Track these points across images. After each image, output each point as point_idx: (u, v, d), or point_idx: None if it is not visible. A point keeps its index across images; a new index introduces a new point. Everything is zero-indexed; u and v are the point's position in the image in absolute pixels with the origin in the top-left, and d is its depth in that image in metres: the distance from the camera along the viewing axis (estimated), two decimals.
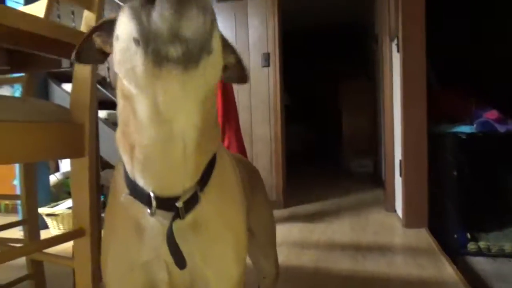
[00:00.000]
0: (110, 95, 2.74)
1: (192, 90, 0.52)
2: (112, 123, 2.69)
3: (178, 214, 0.59)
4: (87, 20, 0.95)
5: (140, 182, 0.59)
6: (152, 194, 0.58)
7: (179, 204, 0.59)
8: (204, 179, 0.62)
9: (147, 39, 0.47)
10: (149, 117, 0.54)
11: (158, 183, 0.58)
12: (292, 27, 6.25)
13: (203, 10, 0.47)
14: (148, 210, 0.59)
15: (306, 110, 7.26)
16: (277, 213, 2.99)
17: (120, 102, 0.58)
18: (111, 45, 0.61)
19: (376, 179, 4.49)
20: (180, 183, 0.59)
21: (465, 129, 2.28)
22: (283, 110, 3.21)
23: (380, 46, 3.39)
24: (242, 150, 2.53)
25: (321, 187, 4.20)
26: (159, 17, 0.46)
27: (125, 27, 0.49)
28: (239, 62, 0.69)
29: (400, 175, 2.58)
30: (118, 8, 3.07)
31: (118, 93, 0.58)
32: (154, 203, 0.58)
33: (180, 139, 0.55)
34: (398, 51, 2.54)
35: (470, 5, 2.90)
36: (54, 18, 2.95)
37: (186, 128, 0.55)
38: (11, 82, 1.76)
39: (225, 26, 3.24)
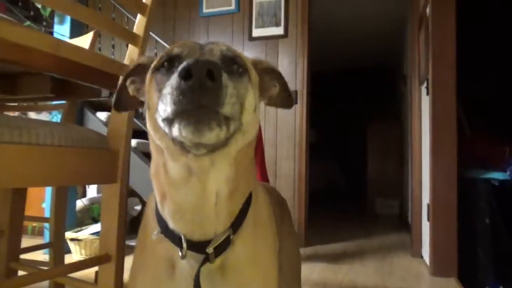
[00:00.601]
0: (140, 125, 2.83)
1: (223, 159, 0.54)
2: (141, 152, 2.75)
3: (208, 258, 0.59)
4: (130, 53, 1.01)
5: (171, 225, 0.59)
6: (183, 237, 0.58)
7: (209, 250, 0.58)
8: (238, 222, 0.61)
9: (172, 138, 0.49)
10: (181, 178, 0.55)
11: (189, 229, 0.58)
12: (321, 67, 6.37)
13: (223, 121, 0.47)
14: (179, 252, 0.58)
15: (332, 148, 7.22)
16: None
17: (153, 149, 0.59)
18: (143, 94, 0.64)
19: (402, 222, 4.34)
20: (212, 229, 0.59)
21: (498, 175, 2.20)
22: (308, 148, 3.21)
23: (409, 88, 3.38)
24: (266, 182, 2.53)
25: (344, 228, 4.09)
26: (178, 133, 0.46)
27: (154, 105, 0.51)
28: (284, 88, 0.69)
29: (428, 219, 2.49)
30: (156, 44, 3.22)
31: (151, 141, 0.59)
32: (184, 245, 0.58)
33: (212, 195, 0.56)
34: (427, 94, 2.53)
35: (503, 53, 2.90)
36: (96, 51, 3.12)
37: (219, 184, 0.56)
38: (53, 108, 1.85)
39: None
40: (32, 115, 2.72)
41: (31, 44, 0.75)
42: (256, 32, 3.34)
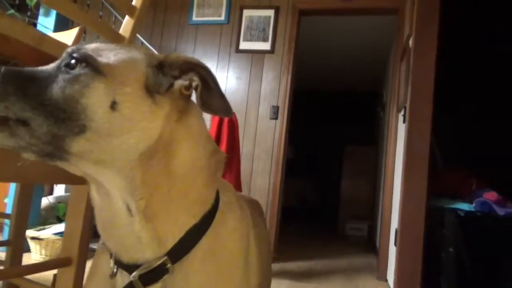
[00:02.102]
0: None
1: (105, 173, 0.51)
2: None
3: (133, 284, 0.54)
4: None
5: (102, 239, 0.57)
6: (113, 255, 0.56)
7: (133, 275, 0.53)
8: (179, 250, 0.54)
9: None
10: (93, 190, 0.55)
11: (116, 249, 0.55)
12: (304, 86, 6.45)
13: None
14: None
15: (307, 166, 7.29)
16: None
17: None
18: None
19: (370, 245, 4.40)
20: (138, 254, 0.54)
21: (464, 206, 2.27)
22: (285, 164, 3.22)
23: (387, 114, 3.47)
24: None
25: (314, 246, 4.11)
26: None
27: None
28: (211, 83, 0.57)
29: (395, 244, 2.53)
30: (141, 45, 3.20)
31: None
32: (112, 264, 0.56)
33: (122, 209, 0.52)
34: (404, 121, 2.60)
35: (479, 88, 3.02)
36: None
37: (124, 198, 0.52)
38: None
39: (241, 76, 3.35)
40: None
41: (12, 35, 0.73)
42: (243, 45, 3.37)
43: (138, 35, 2.95)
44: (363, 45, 4.93)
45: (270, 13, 3.33)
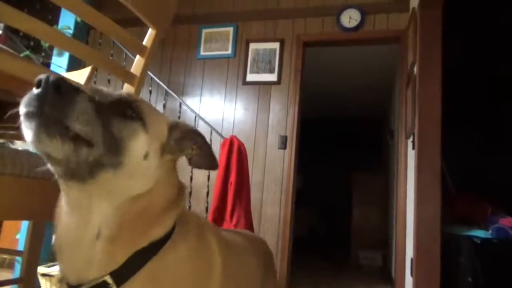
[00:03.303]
0: None
1: (101, 203, 0.56)
2: None
3: None
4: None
5: (57, 260, 0.61)
6: (61, 277, 0.59)
7: None
8: (124, 271, 0.57)
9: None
10: (66, 210, 0.58)
11: (65, 268, 0.59)
12: (311, 114, 6.51)
13: (68, 134, 0.49)
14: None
15: (316, 196, 7.22)
16: None
17: None
18: None
19: (385, 274, 4.27)
20: (84, 273, 0.57)
21: (480, 233, 2.22)
22: (295, 193, 3.20)
23: (396, 141, 3.46)
24: (250, 227, 2.49)
25: (327, 276, 4.00)
26: (26, 132, 0.50)
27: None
28: (205, 152, 0.69)
29: (411, 274, 2.46)
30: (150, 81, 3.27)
31: None
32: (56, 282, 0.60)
33: (92, 234, 0.56)
34: (413, 148, 2.59)
35: (487, 109, 3.02)
36: (91, 85, 3.16)
37: (101, 225, 0.56)
38: None
39: (248, 107, 3.40)
40: (19, 144, 2.69)
41: (29, 78, 0.77)
42: (250, 77, 3.44)
43: (148, 72, 3.04)
44: (368, 72, 5.00)
45: (276, 45, 3.42)
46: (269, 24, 3.52)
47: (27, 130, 0.49)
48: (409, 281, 2.59)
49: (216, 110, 3.50)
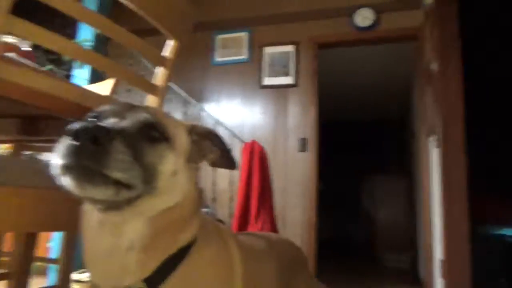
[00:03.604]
0: None
1: (136, 218, 0.58)
2: None
3: None
4: (150, 103, 1.04)
5: (88, 271, 0.63)
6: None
7: None
8: (157, 277, 0.60)
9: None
10: (95, 227, 0.59)
11: (98, 276, 0.61)
12: (330, 117, 6.46)
13: (111, 182, 0.50)
14: None
15: (339, 198, 7.14)
16: None
17: None
18: None
19: (414, 277, 4.18)
20: (119, 280, 0.59)
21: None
22: (318, 196, 3.18)
23: (418, 140, 3.40)
24: (275, 232, 2.49)
25: (352, 281, 3.95)
26: (66, 183, 0.51)
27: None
28: (224, 151, 0.71)
29: (441, 276, 2.40)
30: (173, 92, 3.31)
31: None
32: None
33: (123, 248, 0.58)
34: (437, 147, 2.54)
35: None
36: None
37: (132, 240, 0.58)
38: None
39: (266, 111, 3.40)
40: (47, 155, 2.77)
41: (61, 95, 0.79)
42: (267, 81, 3.45)
43: None
44: (386, 72, 4.93)
45: (290, 48, 3.42)
46: (282, 27, 3.52)
47: (67, 179, 0.50)
48: (439, 283, 2.53)
49: (235, 115, 3.52)
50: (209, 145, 0.70)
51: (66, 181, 0.51)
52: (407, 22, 3.17)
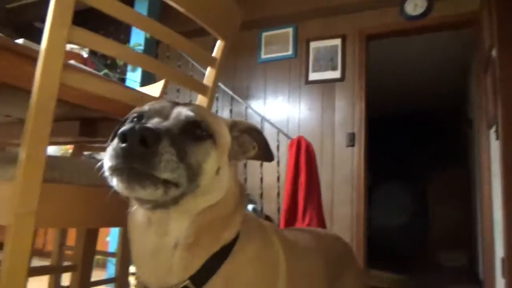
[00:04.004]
0: None
1: (181, 216, 0.59)
2: None
3: None
4: (200, 103, 1.08)
5: (135, 270, 0.65)
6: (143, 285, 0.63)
7: None
8: (201, 275, 0.60)
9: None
10: (142, 226, 0.61)
11: (148, 277, 0.62)
12: (379, 111, 6.26)
13: (160, 183, 0.51)
14: None
15: (390, 194, 6.91)
16: None
17: None
18: None
19: (471, 277, 3.97)
20: (166, 279, 0.60)
21: None
22: (367, 191, 3.11)
23: (476, 132, 3.21)
24: (323, 227, 2.47)
25: (405, 278, 3.82)
26: (116, 186, 0.53)
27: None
28: (264, 146, 0.71)
29: (503, 276, 2.26)
30: (223, 94, 3.38)
31: None
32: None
33: (170, 247, 0.59)
34: (497, 138, 2.38)
35: None
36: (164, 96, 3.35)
37: (178, 237, 0.60)
38: None
39: (312, 106, 3.37)
40: (103, 155, 2.94)
41: (118, 98, 0.84)
42: (313, 76, 3.41)
43: None
44: (438, 61, 4.68)
45: (337, 42, 3.36)
46: (328, 21, 3.46)
47: (117, 181, 0.52)
48: (500, 282, 2.38)
49: (280, 111, 3.52)
50: (249, 140, 0.70)
51: (116, 183, 0.52)
52: (462, 8, 2.99)
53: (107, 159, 0.52)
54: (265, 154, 0.72)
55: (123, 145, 0.50)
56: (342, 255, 1.00)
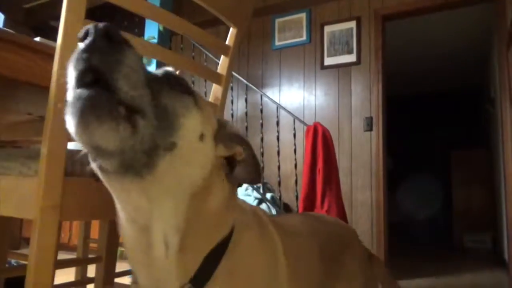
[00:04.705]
0: None
1: (161, 201, 0.50)
2: None
3: None
4: (214, 92, 1.08)
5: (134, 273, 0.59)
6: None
7: None
8: (201, 275, 0.55)
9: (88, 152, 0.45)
10: (126, 222, 0.53)
11: (145, 279, 0.56)
12: (397, 93, 6.13)
13: (121, 111, 0.41)
14: None
15: (411, 178, 6.81)
16: None
17: None
18: None
19: (496, 259, 3.90)
20: (166, 283, 0.55)
21: None
22: (386, 176, 3.07)
23: (498, 110, 3.12)
24: (342, 214, 2.46)
25: (428, 262, 3.78)
26: (70, 128, 0.42)
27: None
28: (251, 161, 0.61)
29: None
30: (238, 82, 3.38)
31: None
32: None
33: (160, 244, 0.52)
34: None
35: None
36: None
37: (166, 232, 0.52)
38: None
39: (329, 92, 3.33)
40: None
41: None
42: (328, 61, 3.36)
43: None
44: (458, 39, 4.54)
45: (352, 24, 3.29)
46: (342, 3, 3.39)
47: (69, 119, 0.42)
48: None
49: (296, 98, 3.50)
50: (237, 144, 0.60)
51: (69, 123, 0.42)
52: None
53: (68, 72, 0.43)
54: (253, 171, 0.61)
55: (84, 42, 0.42)
56: (342, 236, 0.96)
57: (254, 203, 2.79)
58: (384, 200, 2.99)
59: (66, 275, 1.72)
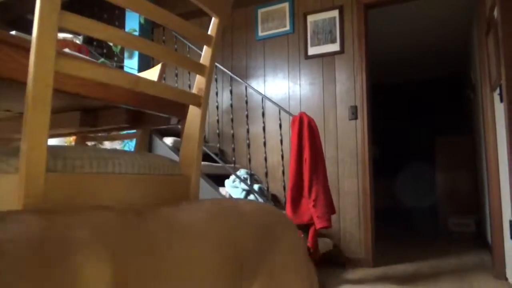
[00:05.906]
0: (205, 149, 2.94)
1: None
2: (205, 174, 2.85)
3: None
4: (198, 83, 1.06)
5: None
6: None
7: None
8: None
9: None
10: None
11: None
12: (381, 81, 6.19)
13: None
14: None
15: (396, 165, 6.92)
16: (366, 272, 2.80)
17: None
18: None
19: (480, 241, 4.01)
20: None
21: None
22: (372, 164, 3.11)
23: (479, 96, 3.18)
24: (329, 203, 2.49)
25: (414, 247, 3.86)
26: None
27: None
28: None
29: (511, 237, 2.28)
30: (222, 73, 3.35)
31: None
32: None
33: None
34: (501, 101, 2.35)
35: None
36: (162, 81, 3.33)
37: None
38: (129, 138, 1.99)
39: (313, 81, 3.34)
40: (107, 144, 2.94)
41: (114, 83, 0.83)
42: (312, 51, 3.36)
43: None
44: (439, 26, 4.60)
45: (335, 13, 3.29)
46: None
47: None
48: (509, 244, 2.40)
49: (281, 89, 3.49)
50: None
51: None
52: None
53: None
54: None
55: None
56: (269, 228, 0.80)
57: (242, 194, 2.80)
58: (370, 187, 3.03)
59: None
